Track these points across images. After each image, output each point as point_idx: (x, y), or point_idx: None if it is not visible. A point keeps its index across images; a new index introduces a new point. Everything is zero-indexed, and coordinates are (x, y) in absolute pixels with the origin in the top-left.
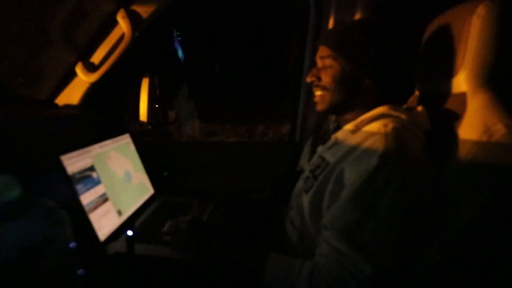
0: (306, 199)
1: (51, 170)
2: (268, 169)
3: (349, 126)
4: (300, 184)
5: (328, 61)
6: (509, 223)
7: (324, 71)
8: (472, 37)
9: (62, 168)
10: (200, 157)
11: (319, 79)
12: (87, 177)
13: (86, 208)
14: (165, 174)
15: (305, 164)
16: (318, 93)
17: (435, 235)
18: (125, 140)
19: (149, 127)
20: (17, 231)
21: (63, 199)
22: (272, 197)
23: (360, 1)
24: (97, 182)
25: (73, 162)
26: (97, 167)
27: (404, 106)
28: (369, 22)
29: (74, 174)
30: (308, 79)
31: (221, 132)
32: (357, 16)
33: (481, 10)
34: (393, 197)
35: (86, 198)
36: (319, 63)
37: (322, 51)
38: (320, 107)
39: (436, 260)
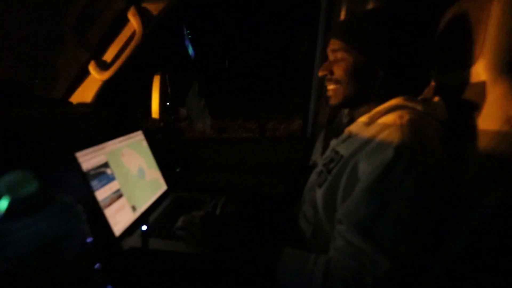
0: (319, 193)
1: (67, 167)
2: (280, 164)
3: (363, 119)
4: (313, 178)
5: (340, 54)
6: None
7: (337, 65)
8: (492, 22)
9: (77, 165)
10: (212, 153)
11: (332, 72)
12: (102, 173)
13: (101, 204)
14: (177, 170)
15: (318, 158)
16: (331, 87)
17: (455, 230)
18: (138, 137)
19: (161, 124)
20: (35, 226)
21: (79, 195)
22: (285, 192)
23: None
24: (111, 179)
25: (87, 159)
26: (111, 163)
27: (420, 97)
28: (381, 12)
29: (89, 171)
30: (320, 73)
31: (232, 129)
32: (370, 6)
33: None
34: (409, 190)
35: (101, 194)
36: (331, 56)
37: (334, 44)
38: (333, 101)
39: (455, 256)
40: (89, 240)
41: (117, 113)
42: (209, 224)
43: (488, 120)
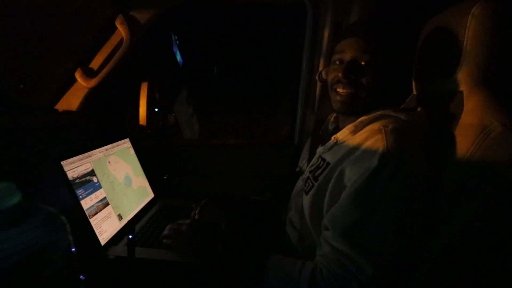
0: (306, 200)
1: (52, 176)
2: (268, 170)
3: (349, 127)
4: (299, 185)
5: (366, 58)
6: (509, 222)
7: (361, 67)
8: (468, 37)
9: (62, 173)
10: (200, 160)
11: (350, 75)
12: (88, 182)
13: (87, 213)
14: (165, 177)
15: (304, 165)
16: (348, 90)
17: (436, 235)
18: (125, 145)
19: (149, 131)
20: (18, 238)
21: (64, 204)
22: (272, 199)
23: (356, 3)
24: (97, 187)
25: (73, 167)
26: (97, 171)
27: (402, 106)
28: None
29: (74, 179)
30: (340, 75)
31: (221, 134)
32: (354, 17)
33: (475, 10)
34: (394, 197)
35: (87, 203)
36: (350, 57)
37: (359, 44)
38: (346, 107)
39: (436, 260)
40: (73, 250)
41: (104, 121)
42: (196, 232)
43: (465, 129)
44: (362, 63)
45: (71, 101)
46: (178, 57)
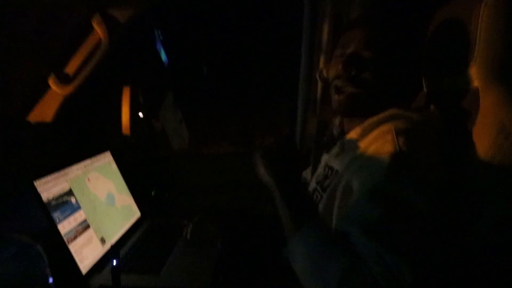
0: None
1: (24, 197)
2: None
3: (356, 130)
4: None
5: (369, 51)
6: None
7: (363, 61)
8: (482, 28)
9: (36, 195)
10: (191, 172)
11: (358, 69)
12: (65, 203)
13: (65, 238)
14: (152, 193)
15: (308, 175)
16: (348, 89)
17: (463, 240)
18: (106, 159)
19: (133, 140)
20: None
21: (39, 229)
22: (273, 213)
23: None
24: (76, 208)
25: (48, 188)
26: (75, 191)
27: (413, 105)
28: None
29: (50, 201)
30: (340, 68)
31: (214, 141)
32: (355, 9)
33: None
34: (410, 201)
35: (65, 226)
36: (353, 49)
37: (363, 36)
38: (344, 108)
39: (456, 266)
40: (50, 280)
41: (82, 132)
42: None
43: (482, 129)
44: (366, 57)
45: (44, 111)
46: (163, 56)
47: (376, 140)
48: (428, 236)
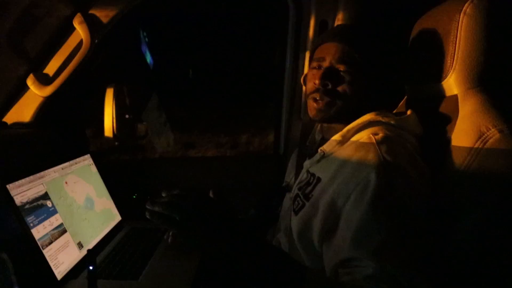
0: (295, 221)
1: None
2: (252, 185)
3: (336, 137)
4: (287, 203)
5: (348, 58)
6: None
7: (338, 75)
8: (461, 36)
9: (9, 199)
10: (175, 175)
11: (327, 83)
12: (40, 206)
13: (40, 243)
14: (134, 196)
15: (292, 180)
16: (325, 99)
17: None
18: (86, 162)
19: (116, 143)
20: None
21: (7, 236)
22: (255, 217)
23: (341, 2)
24: (52, 212)
25: (22, 191)
26: (51, 194)
27: (394, 111)
28: (374, 25)
29: (23, 205)
30: (317, 83)
31: (200, 144)
32: (340, 16)
33: (467, 7)
34: (399, 208)
35: (39, 231)
36: (334, 58)
37: (337, 50)
38: (322, 115)
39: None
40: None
41: (62, 134)
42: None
43: (461, 136)
44: (341, 69)
45: (22, 112)
46: (148, 58)
47: (358, 150)
48: (428, 244)
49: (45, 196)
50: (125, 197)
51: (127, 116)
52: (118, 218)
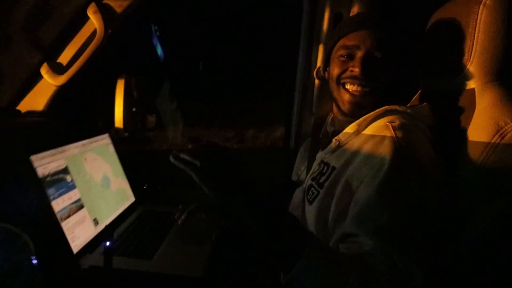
0: (310, 210)
1: (11, 187)
2: (262, 179)
3: (352, 126)
4: (298, 196)
5: (382, 53)
6: None
7: (378, 63)
8: (480, 29)
9: (32, 170)
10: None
11: (373, 68)
12: (60, 180)
13: (58, 216)
14: (145, 186)
15: (303, 174)
16: (366, 88)
17: (458, 238)
18: (104, 141)
19: (126, 134)
20: None
21: (29, 219)
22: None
23: None
24: (71, 187)
25: (44, 163)
26: (71, 169)
27: (408, 105)
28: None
29: (45, 177)
30: (357, 70)
31: (207, 137)
32: (355, 9)
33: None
34: (416, 189)
35: (58, 204)
36: (365, 51)
37: (374, 38)
38: (359, 107)
39: (458, 263)
40: (35, 262)
41: (74, 123)
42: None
43: (478, 130)
44: (379, 57)
45: (36, 101)
46: (159, 51)
47: (374, 136)
48: (433, 232)
49: (65, 171)
50: (135, 187)
51: (136, 108)
52: (132, 199)
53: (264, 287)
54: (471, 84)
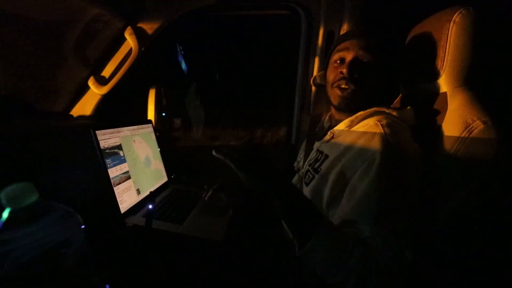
0: (306, 191)
1: (66, 177)
2: None
3: (345, 121)
4: (295, 179)
5: (368, 57)
6: (491, 213)
7: (363, 65)
8: (450, 42)
9: (96, 141)
10: (204, 160)
11: (360, 72)
12: (115, 154)
13: (112, 181)
14: (172, 176)
15: (301, 162)
16: (351, 87)
17: (431, 222)
18: (149, 129)
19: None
20: (36, 234)
21: (77, 203)
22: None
23: (346, 13)
24: (122, 160)
25: (105, 138)
26: (124, 147)
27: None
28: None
29: (105, 149)
30: (344, 71)
31: (223, 136)
32: (345, 27)
33: (456, 17)
34: (406, 179)
35: (113, 172)
36: (354, 55)
37: (362, 45)
38: (346, 102)
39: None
40: (83, 227)
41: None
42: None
43: (450, 127)
44: (365, 60)
45: (85, 107)
46: (183, 65)
47: (365, 132)
48: (418, 217)
49: (119, 147)
50: (167, 174)
51: (165, 112)
52: (165, 178)
53: (276, 256)
54: (443, 89)
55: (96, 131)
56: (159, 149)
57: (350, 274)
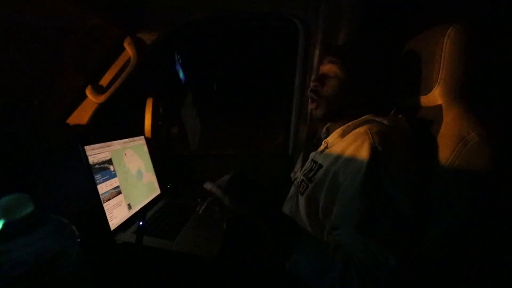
0: (302, 200)
1: (62, 187)
2: (264, 179)
3: (337, 131)
4: (291, 190)
5: (333, 68)
6: (485, 225)
7: (328, 80)
8: (445, 56)
9: (85, 157)
10: (201, 170)
11: (322, 84)
12: (105, 169)
13: (102, 197)
14: (168, 186)
15: (298, 173)
16: (315, 99)
17: (426, 235)
18: (140, 141)
19: (153, 142)
20: (32, 245)
21: (72, 214)
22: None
23: (343, 25)
24: (113, 175)
25: (94, 153)
26: (114, 161)
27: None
28: (365, 45)
29: (94, 164)
30: (312, 83)
31: (220, 145)
32: (341, 38)
33: (450, 32)
34: (388, 187)
35: (102, 188)
36: (324, 69)
37: (330, 60)
38: (316, 112)
39: (427, 259)
40: (79, 240)
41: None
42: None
43: (445, 139)
44: (328, 74)
45: (81, 115)
46: (181, 75)
47: (355, 140)
48: (404, 224)
49: (109, 162)
50: (160, 183)
51: (162, 121)
52: (158, 191)
53: (269, 269)
54: (438, 101)
55: (85, 146)
56: (151, 161)
57: (335, 282)
